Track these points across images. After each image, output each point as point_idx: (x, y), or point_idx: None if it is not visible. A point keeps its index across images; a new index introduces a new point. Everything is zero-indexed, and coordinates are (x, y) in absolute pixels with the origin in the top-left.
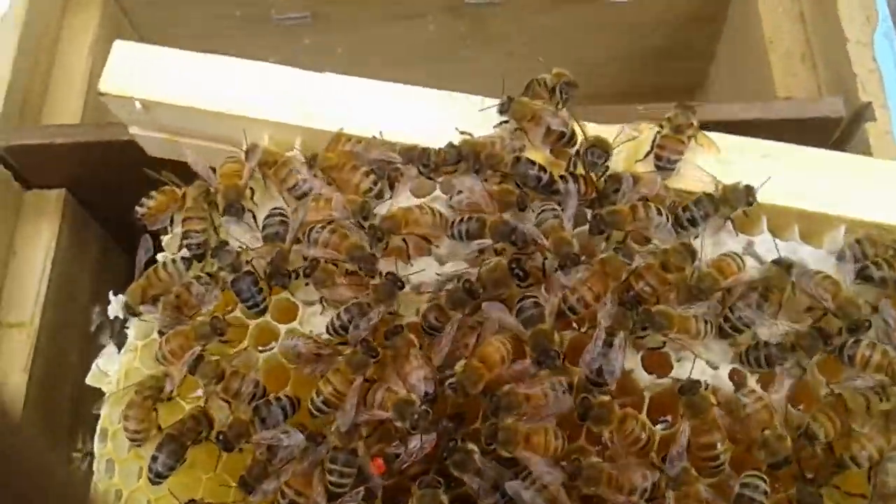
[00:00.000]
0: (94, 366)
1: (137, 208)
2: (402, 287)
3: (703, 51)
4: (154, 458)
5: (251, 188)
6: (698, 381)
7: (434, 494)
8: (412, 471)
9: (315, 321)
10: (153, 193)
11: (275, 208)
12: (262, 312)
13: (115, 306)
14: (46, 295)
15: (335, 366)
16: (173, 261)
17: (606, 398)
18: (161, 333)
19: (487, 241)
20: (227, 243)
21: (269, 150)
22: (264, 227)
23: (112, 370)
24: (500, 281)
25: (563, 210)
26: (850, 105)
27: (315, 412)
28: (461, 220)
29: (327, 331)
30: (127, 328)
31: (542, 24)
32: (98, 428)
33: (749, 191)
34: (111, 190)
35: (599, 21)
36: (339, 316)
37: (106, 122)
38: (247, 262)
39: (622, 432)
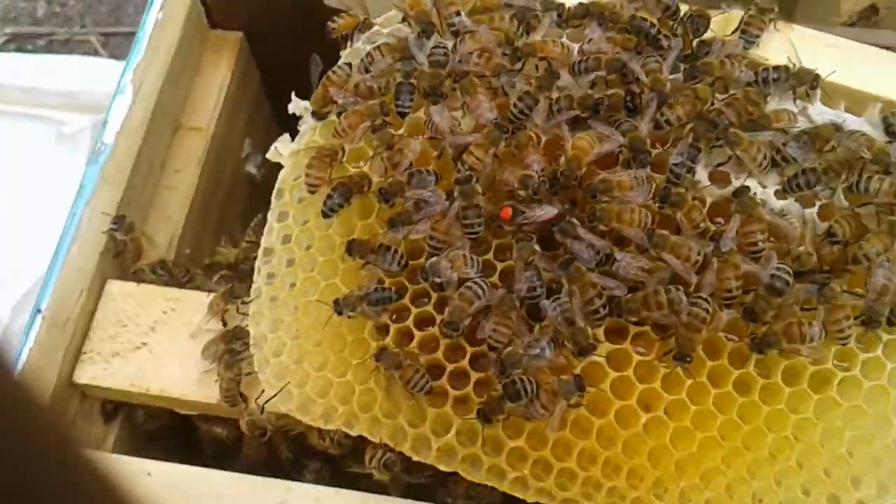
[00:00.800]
0: (272, 147)
1: (329, 23)
2: (559, 77)
3: None
4: (329, 197)
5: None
6: (749, 187)
7: (529, 245)
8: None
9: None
10: (342, 14)
11: (438, 42)
12: (404, 115)
13: (293, 106)
14: (220, 112)
15: (476, 141)
16: (339, 67)
17: (682, 190)
18: (338, 115)
19: (602, 73)
20: (412, 57)
21: None
22: (431, 55)
23: (285, 152)
24: (613, 106)
25: (664, 59)
26: None
27: (462, 179)
28: (582, 59)
29: (510, 119)
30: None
31: None
32: (275, 189)
33: (816, 77)
34: (279, 37)
35: None
36: (516, 104)
37: None
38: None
39: (689, 217)
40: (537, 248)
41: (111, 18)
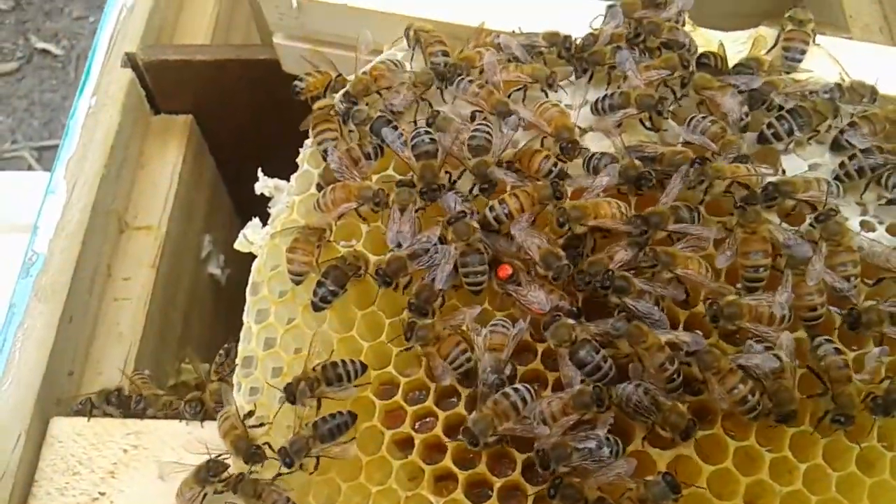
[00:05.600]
0: (241, 235)
1: (297, 83)
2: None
3: None
4: (320, 284)
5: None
6: (837, 210)
7: (565, 324)
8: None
9: None
10: (309, 72)
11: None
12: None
13: (261, 185)
14: (172, 207)
15: (524, 189)
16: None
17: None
18: (319, 188)
19: (632, 110)
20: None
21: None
22: (414, 147)
23: (256, 239)
24: (678, 164)
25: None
26: None
27: (493, 221)
28: (605, 95)
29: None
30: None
31: None
32: (250, 283)
33: (874, 91)
34: (234, 116)
35: None
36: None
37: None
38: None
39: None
40: (572, 321)
41: (44, 132)
